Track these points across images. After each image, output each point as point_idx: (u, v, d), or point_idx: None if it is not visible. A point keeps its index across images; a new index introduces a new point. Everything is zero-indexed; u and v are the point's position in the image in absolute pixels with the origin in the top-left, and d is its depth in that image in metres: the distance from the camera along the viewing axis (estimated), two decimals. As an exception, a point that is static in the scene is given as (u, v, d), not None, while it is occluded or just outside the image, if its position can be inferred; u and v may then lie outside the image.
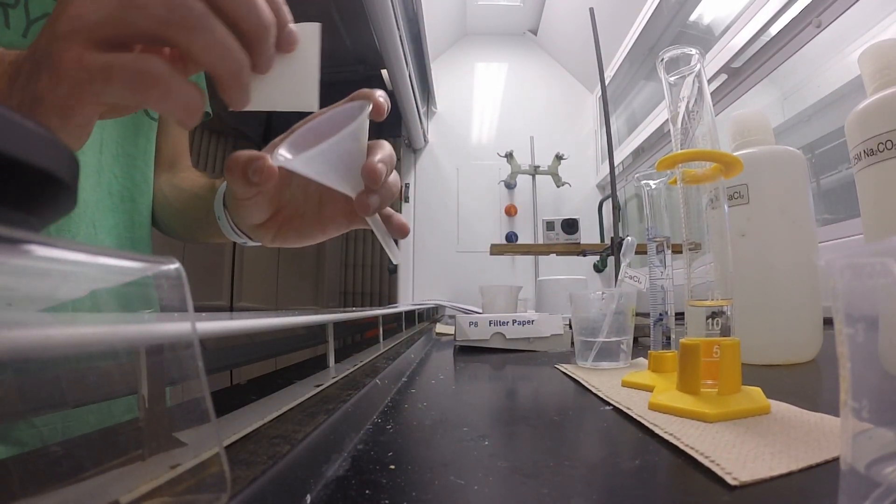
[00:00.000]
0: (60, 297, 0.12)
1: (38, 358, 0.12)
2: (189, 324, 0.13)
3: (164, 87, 0.20)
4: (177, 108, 0.20)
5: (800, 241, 0.46)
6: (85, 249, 0.11)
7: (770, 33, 1.03)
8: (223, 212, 0.38)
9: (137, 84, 0.19)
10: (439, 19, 1.94)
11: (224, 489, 0.13)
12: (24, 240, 0.09)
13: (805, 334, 0.46)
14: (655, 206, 0.39)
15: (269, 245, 0.36)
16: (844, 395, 0.12)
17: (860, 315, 0.12)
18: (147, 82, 0.19)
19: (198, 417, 0.13)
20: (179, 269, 0.13)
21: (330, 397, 0.29)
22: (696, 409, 0.26)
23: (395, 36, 1.20)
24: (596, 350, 0.46)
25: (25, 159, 0.10)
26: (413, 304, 1.42)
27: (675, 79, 0.32)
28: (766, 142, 0.49)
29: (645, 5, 1.58)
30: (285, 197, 0.34)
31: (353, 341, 0.90)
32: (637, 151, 1.75)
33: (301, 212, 0.34)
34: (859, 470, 0.12)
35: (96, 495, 0.13)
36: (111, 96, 0.19)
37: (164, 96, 0.20)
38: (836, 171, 0.92)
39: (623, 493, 0.17)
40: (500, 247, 1.36)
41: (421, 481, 0.19)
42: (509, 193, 2.12)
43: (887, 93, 0.32)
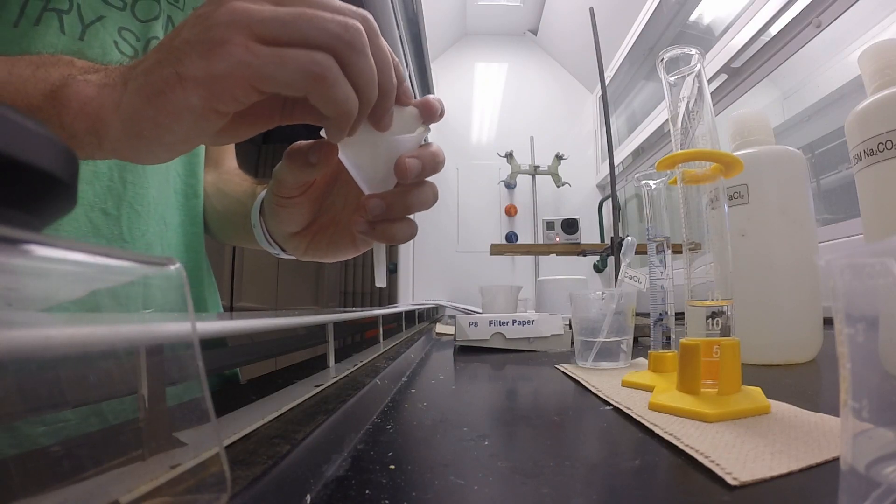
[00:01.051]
0: (60, 297, 0.12)
1: (38, 358, 0.12)
2: (189, 324, 0.13)
3: (331, 82, 0.20)
4: (338, 105, 0.21)
5: (800, 241, 0.46)
6: (85, 249, 0.11)
7: (770, 33, 1.03)
8: (259, 219, 0.38)
9: (309, 72, 0.20)
10: (439, 19, 1.94)
11: (224, 489, 0.13)
12: (24, 240, 0.09)
13: (805, 334, 0.46)
14: (655, 206, 0.39)
15: (301, 257, 0.36)
16: (844, 395, 0.12)
17: (860, 315, 0.12)
18: (318, 72, 0.20)
19: (198, 417, 0.13)
20: (179, 269, 0.13)
21: (330, 397, 0.29)
22: (695, 409, 0.26)
23: (395, 36, 1.20)
24: (596, 350, 0.46)
25: (25, 159, 0.10)
26: (413, 304, 1.42)
27: (675, 79, 0.32)
28: (766, 142, 0.49)
29: (645, 5, 1.58)
30: (325, 203, 0.34)
31: (353, 341, 0.90)
32: (637, 151, 1.75)
33: (336, 220, 0.34)
34: (859, 470, 0.12)
35: (96, 495, 0.13)
36: (277, 82, 0.20)
37: (330, 90, 0.20)
38: (836, 171, 0.92)
39: (623, 493, 0.17)
40: (500, 247, 1.36)
41: (421, 481, 0.19)
42: (509, 193, 2.12)
43: (887, 93, 0.32)
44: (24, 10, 0.34)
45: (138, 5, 0.41)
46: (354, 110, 0.22)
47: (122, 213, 0.39)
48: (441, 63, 2.20)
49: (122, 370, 0.14)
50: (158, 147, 0.22)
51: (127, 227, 0.39)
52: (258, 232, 0.39)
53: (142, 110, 0.20)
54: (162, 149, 0.22)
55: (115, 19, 0.39)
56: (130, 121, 0.21)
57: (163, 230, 0.43)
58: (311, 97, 0.21)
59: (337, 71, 0.20)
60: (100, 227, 0.37)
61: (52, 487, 0.13)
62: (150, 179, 0.41)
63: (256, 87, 0.20)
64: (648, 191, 0.40)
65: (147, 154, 0.22)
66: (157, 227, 0.42)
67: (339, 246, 0.34)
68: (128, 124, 0.21)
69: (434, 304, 1.73)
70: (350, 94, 0.21)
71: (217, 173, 0.53)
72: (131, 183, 0.40)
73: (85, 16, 0.37)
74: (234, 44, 0.19)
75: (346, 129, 0.23)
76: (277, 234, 0.36)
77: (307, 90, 0.20)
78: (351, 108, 0.22)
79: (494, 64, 2.32)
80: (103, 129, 0.21)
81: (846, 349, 0.12)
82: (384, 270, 0.29)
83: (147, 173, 0.41)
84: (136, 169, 0.40)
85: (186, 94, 0.20)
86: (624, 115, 1.97)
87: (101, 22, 0.38)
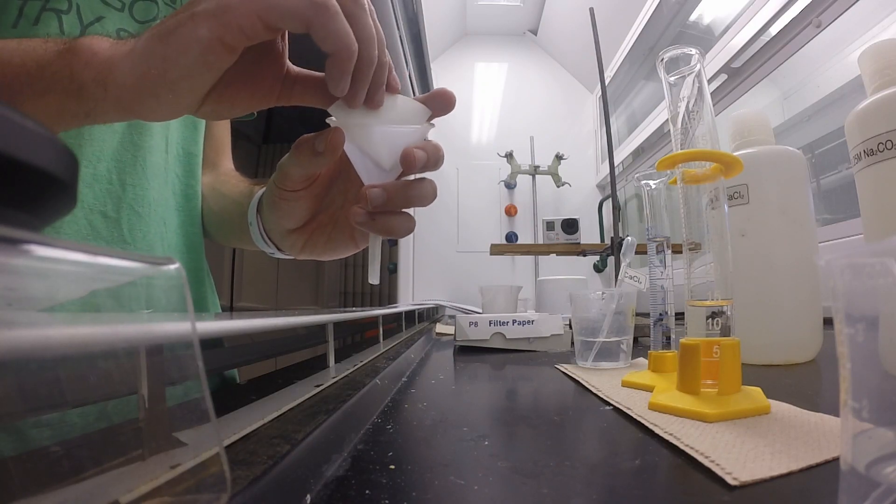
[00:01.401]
0: (60, 297, 0.12)
1: (38, 358, 0.12)
2: (189, 324, 0.13)
3: (333, 12, 0.21)
4: (339, 38, 0.22)
5: (800, 241, 0.46)
6: (85, 249, 0.11)
7: (770, 33, 1.03)
8: (255, 217, 0.38)
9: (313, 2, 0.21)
10: (439, 19, 1.94)
11: (224, 489, 0.13)
12: (24, 240, 0.09)
13: (805, 334, 0.46)
14: (655, 206, 0.39)
15: (298, 255, 0.36)
16: (844, 395, 0.12)
17: (860, 315, 0.12)
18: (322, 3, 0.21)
19: (198, 417, 0.13)
20: (179, 269, 0.13)
21: (330, 397, 0.29)
22: (695, 409, 0.26)
23: (395, 36, 1.20)
24: (596, 350, 0.46)
25: (25, 159, 0.10)
26: (413, 304, 1.42)
27: (675, 79, 0.32)
28: (766, 142, 0.49)
29: (645, 5, 1.58)
30: (325, 200, 0.34)
31: (353, 341, 0.90)
32: (637, 151, 1.75)
33: (335, 217, 0.34)
34: (859, 470, 0.12)
35: (96, 495, 0.13)
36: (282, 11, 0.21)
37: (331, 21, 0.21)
38: (836, 171, 0.92)
39: (623, 493, 0.17)
40: (500, 247, 1.36)
41: (421, 481, 0.19)
42: (509, 193, 2.12)
43: (887, 93, 0.32)
44: (22, 11, 0.34)
45: (136, 6, 0.41)
46: (354, 48, 0.22)
47: (123, 215, 0.39)
48: (441, 63, 2.20)
49: (122, 370, 0.14)
50: (163, 87, 0.22)
51: (128, 229, 0.39)
52: (254, 230, 0.38)
53: (153, 48, 0.21)
54: (166, 89, 0.22)
55: (114, 20, 0.39)
56: (140, 59, 0.21)
57: (163, 231, 0.43)
58: (314, 30, 0.21)
59: (337, 6, 0.21)
60: (100, 229, 0.37)
61: (52, 487, 0.13)
62: (150, 181, 0.41)
63: (263, 18, 0.21)
64: (648, 191, 0.40)
65: (150, 98, 0.22)
66: (158, 229, 0.42)
67: (338, 243, 0.34)
68: (136, 63, 0.21)
69: (434, 304, 1.73)
70: (349, 31, 0.22)
71: (214, 175, 0.53)
72: (131, 185, 0.40)
73: (84, 16, 0.37)
74: None
75: (347, 69, 0.23)
76: (274, 231, 0.36)
77: (310, 20, 0.21)
78: (351, 44, 0.22)
79: (494, 64, 2.32)
80: (110, 75, 0.22)
81: (846, 349, 0.12)
82: (378, 267, 0.29)
83: (147, 175, 0.41)
84: (136, 171, 0.40)
85: (196, 26, 0.21)
86: (624, 115, 1.97)
87: (100, 23, 0.38)
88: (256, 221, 0.38)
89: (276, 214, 0.34)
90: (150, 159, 0.42)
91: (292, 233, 0.34)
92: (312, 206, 0.33)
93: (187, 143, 0.48)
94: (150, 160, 0.42)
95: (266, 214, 0.36)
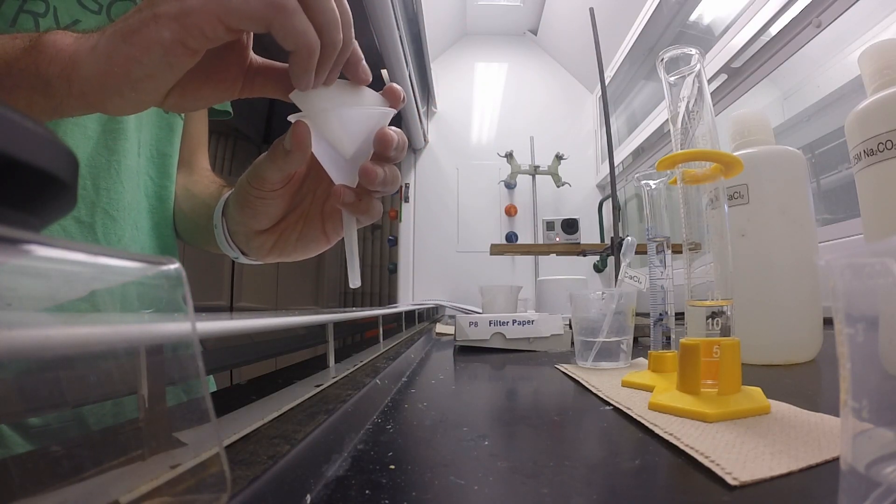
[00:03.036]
0: (60, 297, 0.12)
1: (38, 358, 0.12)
2: (189, 324, 0.13)
3: (291, 11, 0.21)
4: (298, 37, 0.22)
5: (800, 241, 0.46)
6: (85, 249, 0.11)
7: (770, 33, 1.03)
8: (220, 220, 0.38)
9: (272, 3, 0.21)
10: (439, 19, 1.94)
11: (224, 489, 0.13)
12: (24, 240, 0.09)
13: (805, 334, 0.46)
14: (655, 206, 0.39)
15: (265, 258, 0.36)
16: (844, 395, 0.12)
17: (860, 315, 0.12)
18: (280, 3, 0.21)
19: (198, 417, 0.13)
20: (179, 269, 0.13)
21: (330, 397, 0.29)
22: (696, 409, 0.26)
23: (395, 36, 1.20)
24: (596, 350, 0.46)
25: (25, 159, 0.10)
26: (413, 304, 1.42)
27: (675, 79, 0.32)
28: (766, 142, 0.49)
29: (645, 5, 1.58)
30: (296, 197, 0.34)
31: (353, 341, 0.90)
32: (637, 151, 1.75)
33: (306, 214, 0.34)
34: (859, 470, 0.12)
35: (96, 495, 0.13)
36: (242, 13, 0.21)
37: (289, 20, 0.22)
38: (836, 171, 0.92)
39: (623, 493, 0.17)
40: (500, 247, 1.36)
41: (421, 481, 0.19)
42: (509, 193, 2.11)
43: (887, 93, 0.32)
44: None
45: (114, 8, 0.40)
46: (315, 45, 0.23)
47: (97, 219, 0.39)
48: (441, 63, 2.20)
49: (122, 370, 0.14)
50: (126, 84, 0.22)
51: (102, 233, 0.39)
52: (218, 233, 0.38)
53: (116, 47, 0.21)
54: (129, 87, 0.22)
55: (91, 24, 0.38)
56: (103, 56, 0.22)
57: (135, 234, 0.43)
58: (274, 29, 0.22)
59: (296, 4, 0.22)
60: (73, 234, 0.37)
61: (52, 487, 0.13)
62: (124, 184, 0.41)
63: (223, 21, 0.21)
64: (648, 191, 0.40)
65: (114, 94, 0.23)
66: (131, 232, 0.42)
67: (309, 240, 0.34)
68: (100, 60, 0.22)
69: (434, 304, 1.73)
70: (309, 28, 0.22)
71: (188, 174, 0.52)
72: (105, 189, 0.39)
73: (61, 19, 0.37)
74: None
75: (309, 67, 0.23)
76: (240, 234, 0.36)
77: (269, 21, 0.21)
78: (311, 41, 0.23)
79: (494, 64, 2.31)
80: (75, 71, 0.22)
81: (846, 349, 0.12)
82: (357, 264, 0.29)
83: (121, 178, 0.41)
84: (110, 175, 0.40)
85: (159, 27, 0.21)
86: (624, 115, 1.97)
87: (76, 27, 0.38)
88: (221, 224, 0.38)
89: (246, 215, 0.33)
90: (125, 163, 0.41)
91: (261, 234, 0.34)
92: (286, 205, 0.33)
93: (161, 143, 0.47)
94: (125, 163, 0.41)
95: (233, 216, 0.35)
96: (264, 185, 0.31)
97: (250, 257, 0.38)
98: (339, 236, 0.33)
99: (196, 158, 0.55)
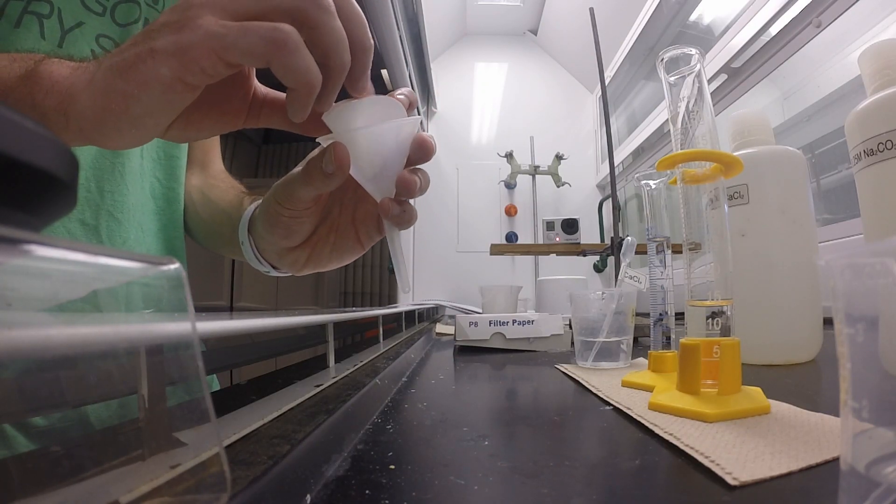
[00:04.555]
0: (60, 297, 0.12)
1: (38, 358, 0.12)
2: (189, 324, 0.13)
3: (291, 49, 0.21)
4: (297, 75, 0.21)
5: (800, 241, 0.46)
6: (85, 249, 0.11)
7: (770, 33, 1.03)
8: (247, 237, 0.37)
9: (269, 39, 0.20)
10: (439, 19, 1.94)
11: (224, 489, 0.13)
12: (24, 240, 0.09)
13: (805, 334, 0.46)
14: (655, 206, 0.39)
15: (300, 271, 0.35)
16: (844, 395, 0.12)
17: (860, 315, 0.12)
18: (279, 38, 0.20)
19: (198, 417, 0.13)
20: (179, 269, 0.13)
21: (330, 397, 0.29)
22: (695, 409, 0.26)
23: (395, 36, 1.20)
24: (596, 350, 0.46)
25: (25, 159, 0.10)
26: (413, 304, 1.42)
27: (675, 79, 0.32)
28: (766, 142, 0.49)
29: (645, 5, 1.58)
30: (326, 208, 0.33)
31: (353, 341, 0.90)
32: (637, 151, 1.75)
33: (336, 225, 0.33)
34: (859, 470, 0.12)
35: (96, 495, 0.13)
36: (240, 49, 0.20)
37: (290, 58, 0.21)
38: (836, 171, 0.92)
39: (623, 493, 0.17)
40: (500, 247, 1.36)
41: (421, 481, 0.19)
42: (509, 193, 2.12)
43: (887, 93, 0.32)
44: (4, 11, 0.34)
45: (118, 9, 0.40)
46: (316, 82, 0.22)
47: (101, 222, 0.39)
48: (441, 63, 2.20)
49: (122, 370, 0.14)
50: (125, 122, 0.21)
51: (107, 235, 0.39)
52: (246, 249, 0.38)
53: (113, 83, 0.21)
54: (128, 124, 0.22)
55: (94, 26, 0.38)
56: (101, 92, 0.21)
57: (141, 236, 0.43)
58: (273, 66, 0.21)
59: (297, 40, 0.21)
60: (78, 237, 0.37)
61: (52, 487, 0.13)
62: (128, 186, 0.41)
63: (222, 58, 0.21)
64: (648, 191, 0.40)
65: (113, 131, 0.22)
66: (136, 234, 0.42)
67: (344, 250, 0.33)
68: (97, 97, 0.21)
69: (434, 304, 1.73)
70: (311, 65, 0.22)
71: (203, 177, 0.52)
72: (109, 192, 0.39)
73: (65, 20, 0.36)
74: (205, 19, 0.20)
75: (307, 103, 0.23)
76: (270, 250, 0.35)
77: (268, 58, 0.21)
78: (311, 80, 0.22)
79: (494, 64, 2.32)
80: (72, 105, 0.21)
81: (846, 349, 0.12)
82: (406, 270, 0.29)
83: (125, 180, 0.41)
84: (114, 177, 0.40)
85: (157, 64, 0.20)
86: (624, 115, 1.97)
87: (80, 28, 0.37)
88: (249, 241, 0.37)
89: (277, 235, 0.32)
90: (128, 165, 0.41)
91: (294, 250, 0.33)
92: (318, 220, 0.32)
93: (168, 145, 0.47)
94: (129, 165, 0.41)
95: (263, 235, 0.35)
96: (298, 205, 0.30)
97: (282, 271, 0.37)
98: (372, 241, 0.33)
99: (210, 158, 0.54)
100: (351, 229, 0.33)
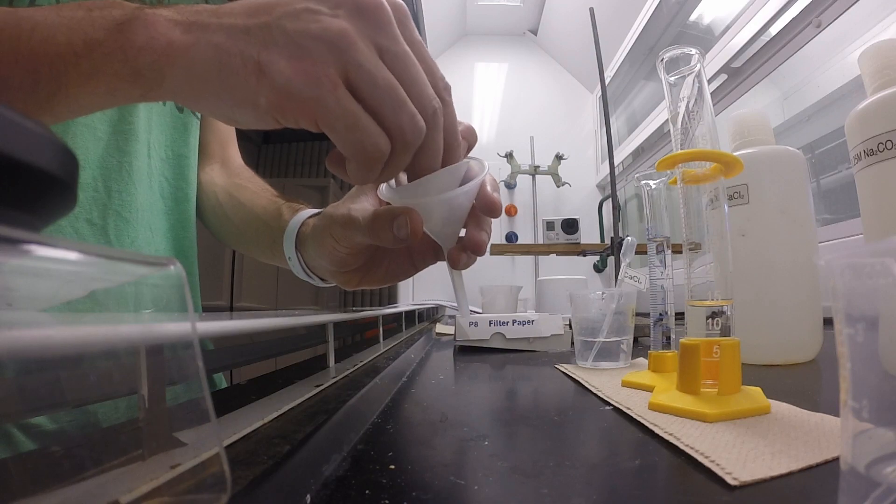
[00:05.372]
0: (61, 297, 0.12)
1: (38, 358, 0.12)
2: (189, 324, 0.13)
3: (374, 163, 0.22)
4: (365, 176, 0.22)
5: (800, 241, 0.46)
6: (85, 249, 0.11)
7: (770, 33, 1.03)
8: (295, 253, 0.37)
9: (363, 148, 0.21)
10: (439, 19, 1.95)
11: (224, 489, 0.13)
12: (24, 240, 0.09)
13: (805, 334, 0.46)
14: (655, 206, 0.39)
15: (351, 289, 0.35)
16: (844, 395, 0.12)
17: (860, 315, 0.12)
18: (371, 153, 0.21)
19: (198, 417, 0.13)
20: (179, 269, 0.13)
21: (330, 397, 0.29)
22: (695, 409, 0.26)
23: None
24: (596, 350, 0.46)
25: (25, 159, 0.10)
26: (413, 304, 1.42)
27: (675, 79, 0.32)
28: (766, 142, 0.49)
29: (645, 5, 1.58)
30: None
31: (353, 341, 0.90)
32: (637, 151, 1.75)
33: (394, 253, 0.33)
34: (859, 470, 0.12)
35: (96, 495, 0.13)
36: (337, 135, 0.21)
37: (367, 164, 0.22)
38: (836, 171, 0.92)
39: (623, 493, 0.17)
40: (500, 247, 1.36)
41: (421, 481, 0.19)
42: (509, 193, 2.12)
43: (887, 93, 0.32)
44: None
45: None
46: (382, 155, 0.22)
47: (109, 221, 0.38)
48: (441, 63, 2.15)
49: (122, 370, 0.14)
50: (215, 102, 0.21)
51: (115, 235, 0.39)
52: (294, 264, 0.37)
53: (209, 77, 0.20)
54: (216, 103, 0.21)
55: None
56: (197, 79, 0.20)
57: (150, 237, 0.42)
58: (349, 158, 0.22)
59: (385, 156, 0.22)
60: (86, 237, 0.37)
61: (52, 487, 0.13)
62: (136, 186, 0.41)
63: (317, 125, 0.21)
64: (648, 191, 0.40)
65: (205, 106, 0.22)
66: (145, 234, 0.42)
67: (398, 273, 0.33)
68: (193, 81, 0.20)
69: (434, 304, 1.73)
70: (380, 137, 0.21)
71: (226, 174, 0.51)
72: (117, 191, 0.39)
73: None
74: (326, 77, 0.20)
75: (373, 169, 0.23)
76: (323, 270, 0.35)
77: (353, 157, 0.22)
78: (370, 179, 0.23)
79: (494, 64, 2.32)
80: (168, 69, 0.20)
81: (846, 349, 0.12)
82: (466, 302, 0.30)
83: (133, 179, 0.40)
84: (122, 176, 0.40)
85: (259, 89, 0.20)
86: (624, 115, 1.97)
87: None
88: (296, 256, 0.37)
89: (331, 263, 0.32)
90: (136, 164, 0.41)
91: (346, 273, 0.33)
92: (373, 252, 0.33)
93: (176, 144, 0.46)
94: (136, 165, 0.41)
95: (314, 256, 0.34)
96: (356, 247, 0.30)
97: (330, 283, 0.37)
98: (426, 264, 0.33)
99: (229, 154, 0.53)
100: (407, 258, 0.33)
